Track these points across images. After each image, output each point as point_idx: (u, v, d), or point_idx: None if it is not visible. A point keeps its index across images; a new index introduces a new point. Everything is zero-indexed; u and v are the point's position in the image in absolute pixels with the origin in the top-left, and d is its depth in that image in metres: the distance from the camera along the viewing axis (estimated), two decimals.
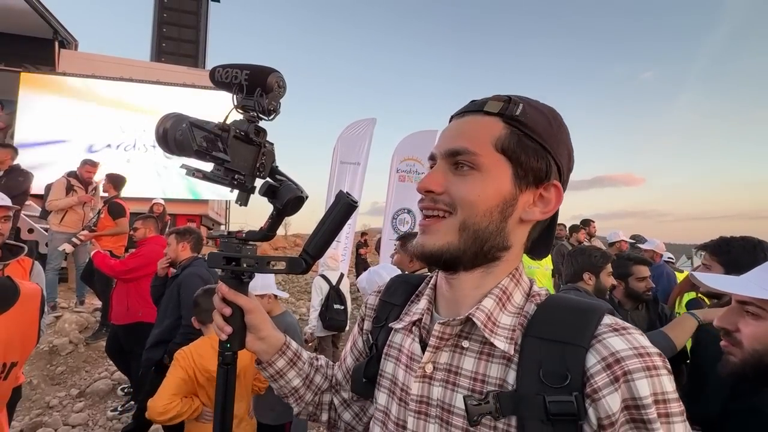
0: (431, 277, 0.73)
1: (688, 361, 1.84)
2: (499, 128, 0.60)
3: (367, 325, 0.80)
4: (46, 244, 5.47)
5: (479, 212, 0.58)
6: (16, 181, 4.81)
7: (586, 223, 6.04)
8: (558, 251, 5.61)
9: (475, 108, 0.62)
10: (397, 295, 0.76)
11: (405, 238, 2.74)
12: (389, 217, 6.11)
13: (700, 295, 2.33)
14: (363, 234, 12.17)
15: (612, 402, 0.49)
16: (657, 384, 0.49)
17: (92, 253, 3.55)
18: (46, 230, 5.48)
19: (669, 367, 0.51)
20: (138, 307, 3.39)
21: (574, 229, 5.75)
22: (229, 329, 0.72)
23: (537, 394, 0.51)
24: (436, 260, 0.60)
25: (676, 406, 0.49)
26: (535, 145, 0.59)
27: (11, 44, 8.68)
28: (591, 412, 0.50)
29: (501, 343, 0.56)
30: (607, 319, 0.55)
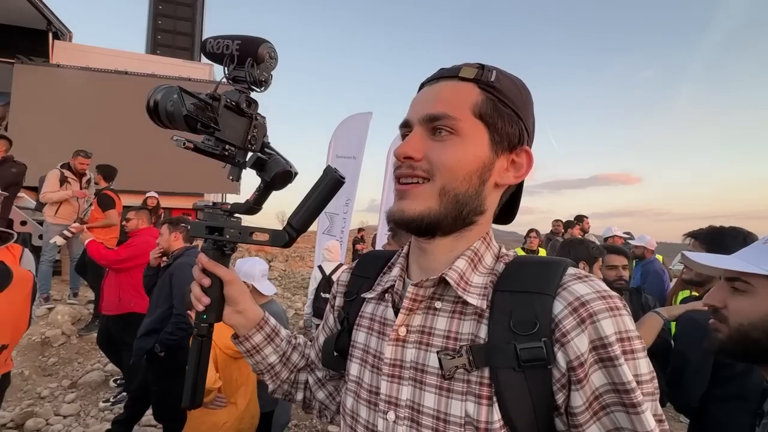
0: (402, 249, 0.73)
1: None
2: (475, 94, 0.60)
3: (338, 301, 0.80)
4: (40, 237, 5.43)
5: (459, 177, 0.59)
6: (8, 172, 4.78)
7: (579, 219, 6.09)
8: (553, 246, 5.65)
9: (449, 74, 0.62)
10: (369, 269, 0.76)
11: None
12: (384, 211, 6.11)
13: (694, 293, 2.35)
14: (360, 230, 12.20)
15: (580, 343, 0.51)
16: (620, 323, 0.51)
17: (86, 242, 3.52)
18: (41, 223, 5.44)
19: (629, 309, 0.54)
20: (129, 297, 3.38)
21: (570, 225, 5.79)
22: (206, 300, 0.71)
23: (508, 343, 0.53)
24: (417, 225, 0.60)
25: (638, 343, 0.52)
26: (508, 111, 0.61)
27: (4, 35, 8.56)
28: (560, 356, 0.52)
29: (474, 300, 0.58)
30: (571, 270, 0.58)
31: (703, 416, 1.49)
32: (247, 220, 0.79)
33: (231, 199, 9.14)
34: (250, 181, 0.79)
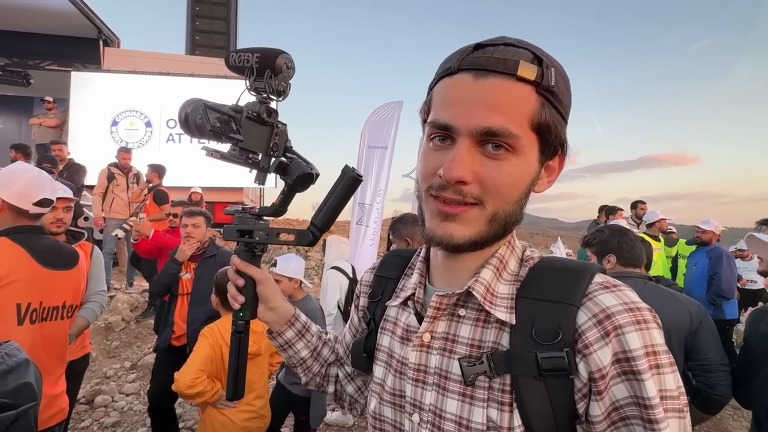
0: (421, 250, 0.72)
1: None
2: (533, 101, 0.52)
3: (363, 301, 0.82)
4: (101, 231, 5.95)
5: (512, 200, 0.55)
6: (77, 175, 5.27)
7: (634, 205, 5.74)
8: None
9: (503, 70, 0.51)
10: (392, 269, 0.77)
11: (394, 225, 2.33)
12: (417, 201, 6.08)
13: None
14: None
15: (603, 356, 0.50)
16: (647, 337, 0.50)
17: (151, 233, 3.62)
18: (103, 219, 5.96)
19: (659, 321, 0.52)
20: None
21: (611, 211, 5.48)
22: (241, 299, 0.76)
23: (529, 351, 0.53)
24: (465, 250, 0.57)
25: (666, 358, 0.50)
26: (560, 117, 0.55)
27: (61, 45, 9.28)
28: (582, 366, 0.51)
29: (502, 314, 0.56)
30: (599, 278, 0.56)
31: None
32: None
33: (268, 191, 9.49)
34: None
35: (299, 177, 0.77)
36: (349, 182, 0.75)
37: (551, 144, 0.56)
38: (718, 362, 1.55)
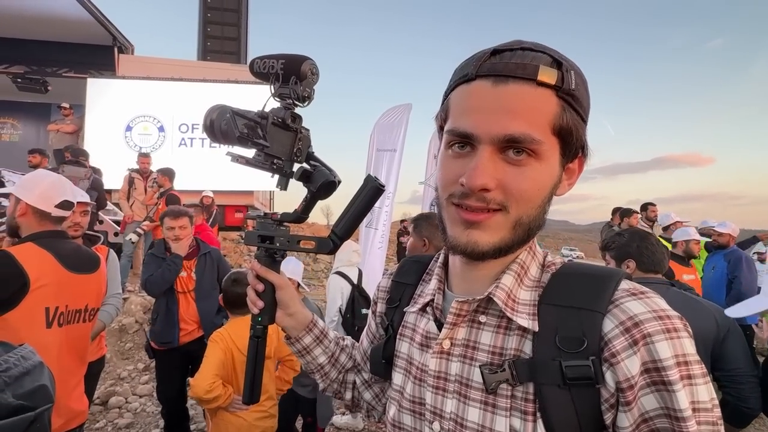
0: (439, 255, 0.72)
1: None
2: (553, 105, 0.52)
3: (380, 307, 0.81)
4: (115, 234, 6.07)
5: (535, 206, 0.55)
6: (99, 182, 5.44)
7: (644, 207, 5.64)
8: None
9: (523, 75, 0.51)
10: (410, 275, 0.76)
11: (419, 221, 2.18)
12: (426, 204, 6.08)
13: None
14: (403, 221, 12.09)
15: (631, 365, 0.48)
16: (678, 346, 0.48)
17: None
18: (118, 223, 6.09)
19: (690, 330, 0.50)
20: None
21: (626, 213, 5.40)
22: (261, 304, 0.76)
23: (553, 359, 0.51)
24: (490, 257, 0.56)
25: (698, 368, 0.48)
26: (580, 119, 0.54)
27: (77, 53, 9.52)
28: (609, 376, 0.50)
29: (524, 321, 0.55)
30: (625, 284, 0.54)
31: None
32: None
33: (278, 194, 9.55)
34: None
35: (323, 185, 0.77)
36: (371, 192, 0.75)
37: (572, 147, 0.56)
38: (748, 373, 1.49)
